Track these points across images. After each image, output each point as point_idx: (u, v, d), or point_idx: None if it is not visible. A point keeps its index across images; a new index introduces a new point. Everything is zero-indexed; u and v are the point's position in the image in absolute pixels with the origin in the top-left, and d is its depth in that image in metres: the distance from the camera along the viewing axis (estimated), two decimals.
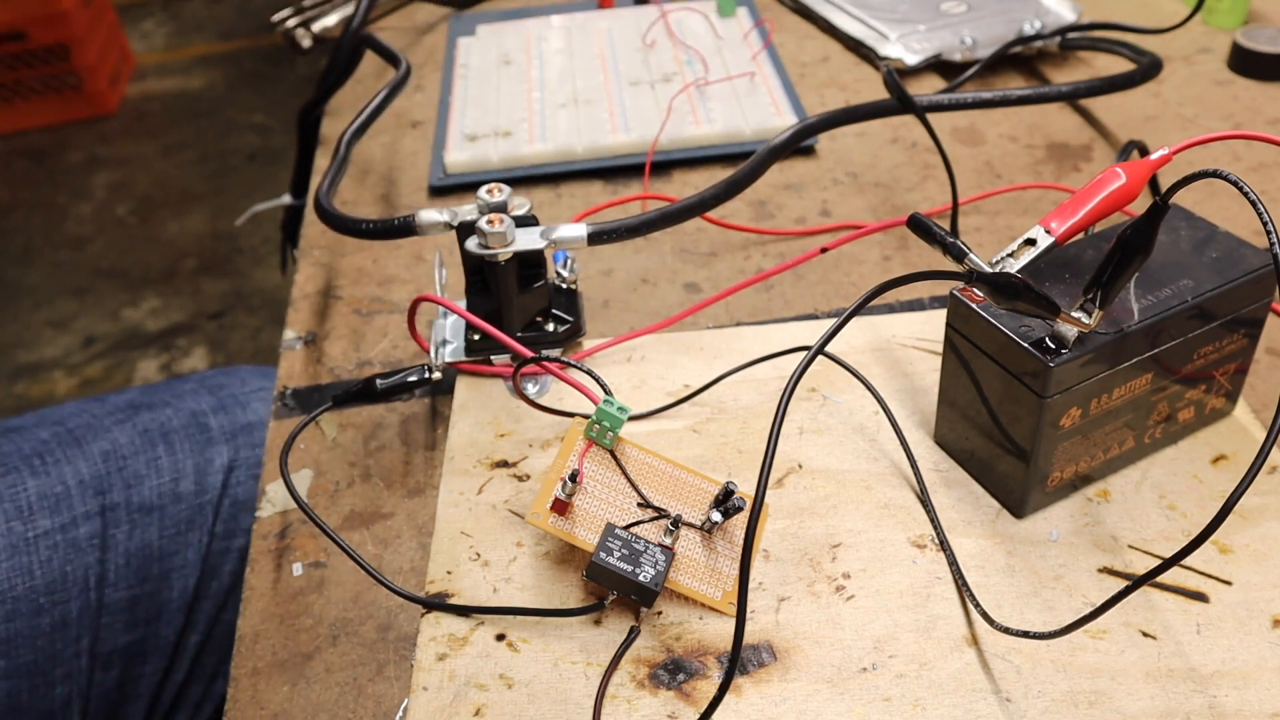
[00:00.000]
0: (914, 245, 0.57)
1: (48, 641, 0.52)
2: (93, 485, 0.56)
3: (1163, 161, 0.35)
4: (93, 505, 0.55)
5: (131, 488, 0.56)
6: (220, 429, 0.60)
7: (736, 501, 0.38)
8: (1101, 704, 0.35)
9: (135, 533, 0.56)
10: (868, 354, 0.49)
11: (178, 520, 0.57)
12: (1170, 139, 0.64)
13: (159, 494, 0.57)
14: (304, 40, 0.80)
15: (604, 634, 0.38)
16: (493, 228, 0.44)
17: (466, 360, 0.48)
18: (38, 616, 0.52)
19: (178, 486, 0.57)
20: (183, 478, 0.58)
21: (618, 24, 0.78)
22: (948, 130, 0.66)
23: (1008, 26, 0.73)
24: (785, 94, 0.69)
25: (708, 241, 0.59)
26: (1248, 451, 0.43)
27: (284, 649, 0.40)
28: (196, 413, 0.60)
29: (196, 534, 0.57)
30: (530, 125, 0.66)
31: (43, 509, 0.54)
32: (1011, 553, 0.40)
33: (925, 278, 0.35)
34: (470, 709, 0.36)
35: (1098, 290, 0.36)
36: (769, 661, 0.37)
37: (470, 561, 0.41)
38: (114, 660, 0.55)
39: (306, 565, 0.43)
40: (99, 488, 0.56)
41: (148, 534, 0.56)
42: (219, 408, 0.61)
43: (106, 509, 0.55)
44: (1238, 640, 0.37)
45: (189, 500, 0.57)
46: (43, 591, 0.53)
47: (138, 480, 0.57)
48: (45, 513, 0.54)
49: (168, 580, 0.56)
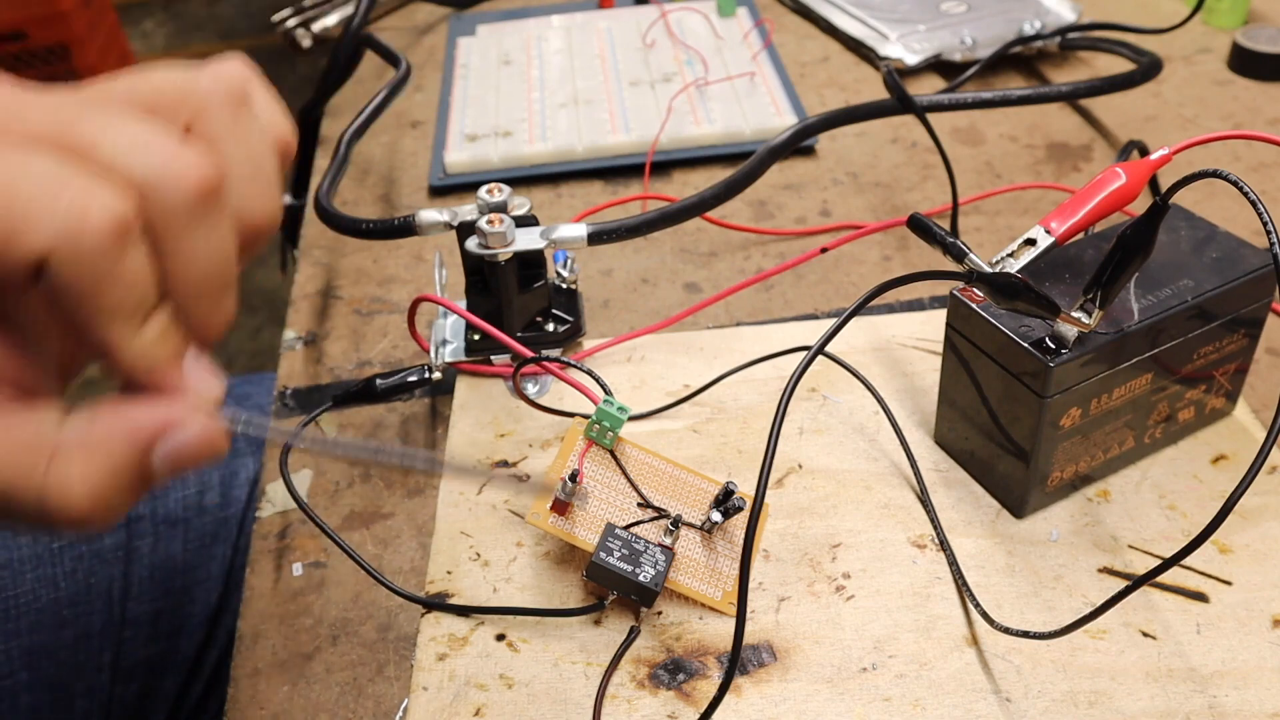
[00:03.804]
0: (914, 245, 0.57)
1: (70, 654, 0.52)
2: None
3: (1163, 161, 0.35)
4: None
5: (157, 499, 0.55)
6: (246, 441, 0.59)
7: (736, 501, 0.38)
8: (1101, 704, 0.35)
9: (160, 545, 0.55)
10: (868, 354, 0.49)
11: (202, 533, 0.56)
12: (1170, 139, 0.64)
13: (184, 506, 0.56)
14: (304, 40, 0.80)
15: (604, 634, 0.38)
16: (493, 228, 0.44)
17: (466, 360, 0.48)
18: (61, 629, 0.52)
19: (203, 499, 0.57)
20: (208, 490, 0.57)
21: (618, 24, 0.78)
22: (948, 130, 0.66)
23: (1008, 26, 0.73)
24: (785, 94, 0.69)
25: (708, 241, 0.59)
26: (1248, 451, 0.43)
27: (284, 649, 0.40)
28: None
29: (220, 547, 0.56)
30: (530, 125, 0.66)
31: None
32: (1011, 553, 0.40)
33: (925, 278, 0.35)
34: (470, 709, 0.36)
35: (1098, 290, 0.36)
36: (769, 661, 0.37)
37: (470, 561, 0.41)
38: (135, 673, 0.54)
39: (306, 565, 0.43)
40: None
41: (172, 547, 0.55)
42: None
43: (132, 520, 0.55)
44: (1238, 640, 0.37)
45: (214, 513, 0.57)
46: (67, 604, 0.52)
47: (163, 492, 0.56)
48: None
49: (190, 594, 0.56)
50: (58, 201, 0.21)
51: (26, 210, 0.21)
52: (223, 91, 0.25)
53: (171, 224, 0.23)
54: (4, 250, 0.21)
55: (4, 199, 0.21)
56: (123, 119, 0.23)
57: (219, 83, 0.25)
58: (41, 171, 0.21)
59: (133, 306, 0.23)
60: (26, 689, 0.50)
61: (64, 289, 0.22)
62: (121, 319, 0.23)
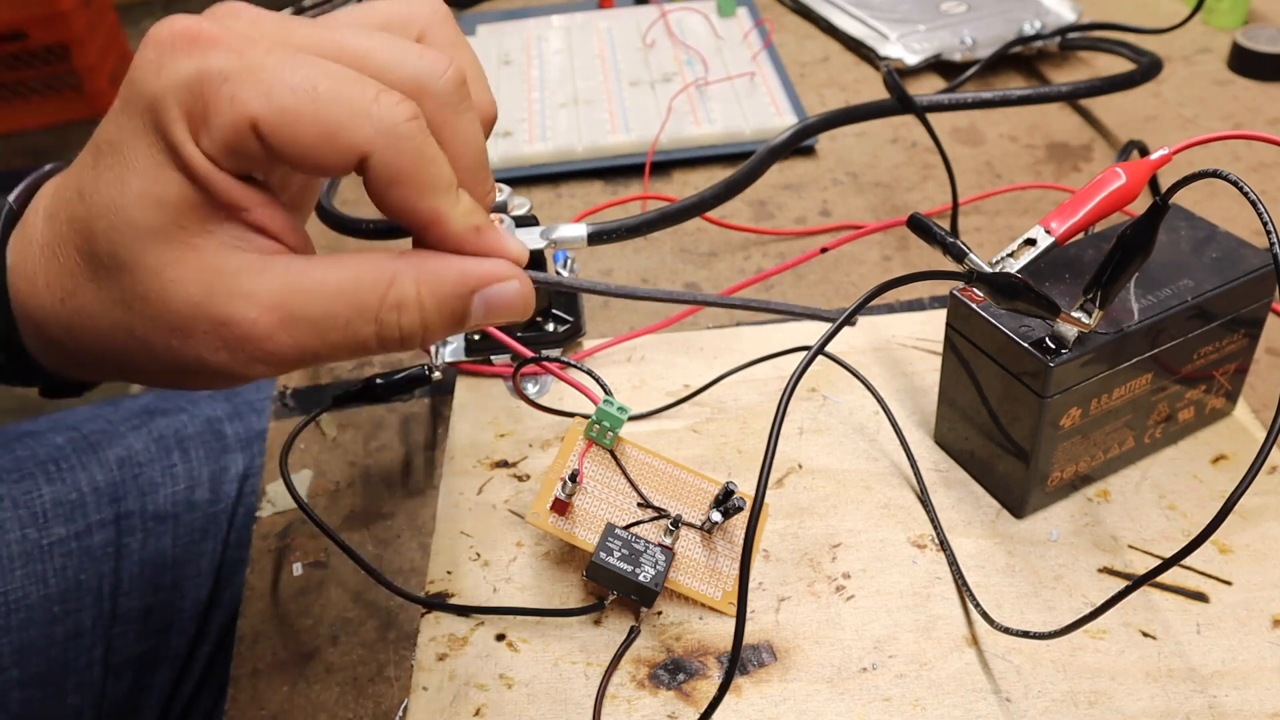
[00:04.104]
0: (914, 245, 0.57)
1: (61, 651, 0.52)
2: (108, 492, 0.55)
3: (1163, 161, 0.35)
4: (107, 513, 0.54)
5: (146, 495, 0.55)
6: (236, 436, 0.59)
7: (736, 501, 0.38)
8: (1101, 704, 0.35)
9: (149, 541, 0.55)
10: (868, 354, 0.49)
11: (192, 529, 0.56)
12: (1170, 139, 0.64)
13: (174, 502, 0.56)
14: None
15: (604, 634, 0.38)
16: None
17: (466, 360, 0.48)
18: (51, 625, 0.52)
19: (193, 494, 0.57)
20: (198, 485, 0.57)
21: (618, 24, 0.78)
22: (948, 130, 0.66)
23: (1008, 26, 0.73)
24: (785, 94, 0.69)
25: (708, 241, 0.59)
26: (1248, 451, 0.43)
27: (284, 649, 0.40)
28: (212, 419, 0.59)
29: (210, 543, 0.56)
30: (530, 125, 0.66)
31: (58, 516, 0.53)
32: (1011, 553, 0.40)
33: (925, 278, 0.35)
34: (470, 709, 0.36)
35: (1098, 290, 0.36)
36: (769, 661, 0.37)
37: (470, 561, 0.41)
38: (126, 670, 0.54)
39: (306, 565, 0.43)
40: (114, 495, 0.55)
41: (162, 542, 0.55)
42: (234, 414, 0.60)
43: (121, 516, 0.55)
44: (1238, 640, 0.37)
45: (203, 509, 0.57)
46: (57, 600, 0.52)
47: (152, 488, 0.56)
48: (60, 520, 0.53)
49: (180, 590, 0.56)
50: (370, 102, 0.25)
51: (350, 110, 0.24)
52: (436, 11, 0.29)
53: (443, 112, 0.27)
54: (334, 144, 0.25)
55: (330, 101, 0.24)
56: (378, 35, 0.27)
57: (432, 6, 0.29)
58: (347, 76, 0.25)
59: (448, 181, 0.26)
60: (18, 686, 0.50)
61: (392, 176, 0.25)
62: (442, 191, 0.26)
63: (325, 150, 0.25)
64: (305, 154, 0.25)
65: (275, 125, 0.24)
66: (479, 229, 0.27)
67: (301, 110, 0.24)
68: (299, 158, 0.25)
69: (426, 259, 0.27)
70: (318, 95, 0.24)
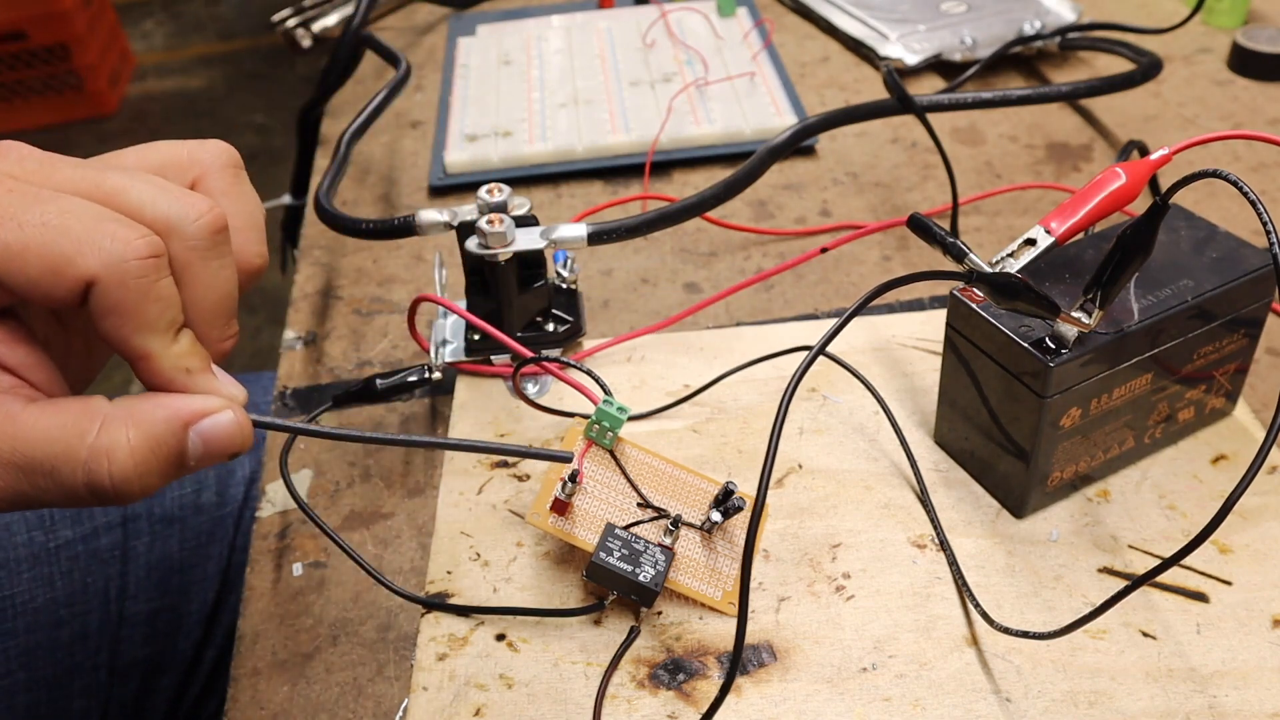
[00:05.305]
0: (914, 245, 0.57)
1: (67, 654, 0.52)
2: None
3: (1163, 161, 0.35)
4: (114, 516, 0.54)
5: (153, 498, 0.55)
6: None
7: (736, 501, 0.38)
8: (1101, 704, 0.35)
9: (156, 544, 0.55)
10: (868, 354, 0.49)
11: (198, 532, 0.56)
12: (1170, 139, 0.64)
13: (180, 505, 0.56)
14: (304, 40, 0.80)
15: (604, 634, 0.38)
16: (493, 228, 0.44)
17: (466, 360, 0.48)
18: (58, 628, 0.52)
19: (199, 498, 0.57)
20: (204, 489, 0.57)
21: (618, 24, 0.78)
22: (948, 130, 0.66)
23: (1008, 26, 0.73)
24: (785, 94, 0.69)
25: (708, 241, 0.59)
26: (1248, 451, 0.43)
27: (284, 649, 0.40)
28: None
29: (217, 546, 0.56)
30: (530, 125, 0.66)
31: (64, 519, 0.53)
32: (1011, 553, 0.40)
33: (925, 278, 0.35)
34: (470, 709, 0.36)
35: (1098, 290, 0.36)
36: (769, 661, 0.37)
37: (470, 561, 0.41)
38: (132, 673, 0.54)
39: (306, 565, 0.43)
40: None
41: (168, 546, 0.55)
42: None
43: (128, 519, 0.55)
44: (1238, 640, 0.37)
45: (210, 512, 0.57)
46: (63, 603, 0.52)
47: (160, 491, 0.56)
48: (67, 523, 0.53)
49: (187, 593, 0.55)
50: (103, 236, 0.25)
51: (78, 243, 0.25)
52: (219, 157, 0.30)
53: (190, 256, 0.27)
54: (59, 276, 0.25)
55: (57, 234, 0.25)
56: (142, 175, 0.28)
57: (216, 153, 0.30)
58: (86, 211, 0.26)
59: (168, 321, 0.27)
60: (24, 689, 0.50)
61: (110, 307, 0.26)
62: (159, 331, 0.27)
63: (51, 282, 0.25)
64: (31, 285, 0.25)
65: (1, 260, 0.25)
66: (189, 371, 0.27)
67: (29, 244, 0.25)
68: (25, 289, 0.25)
69: (140, 401, 0.27)
70: (47, 229, 0.25)
